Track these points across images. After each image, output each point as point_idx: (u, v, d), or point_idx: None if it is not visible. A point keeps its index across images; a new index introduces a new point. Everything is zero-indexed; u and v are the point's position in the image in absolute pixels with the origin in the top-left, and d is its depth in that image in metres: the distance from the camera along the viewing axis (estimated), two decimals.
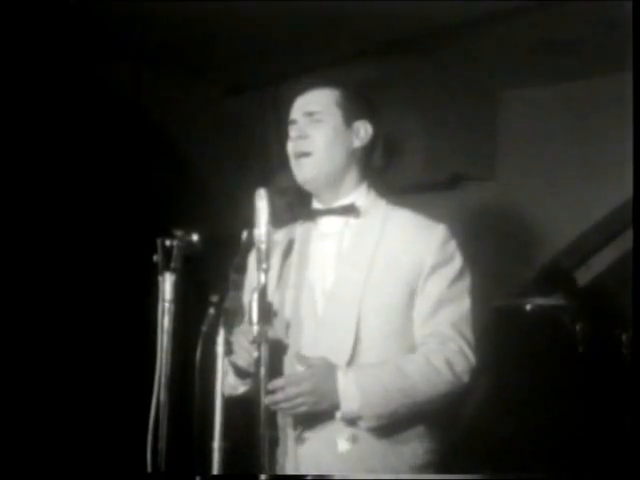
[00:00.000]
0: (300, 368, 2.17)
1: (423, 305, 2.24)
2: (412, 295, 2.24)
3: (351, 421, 2.15)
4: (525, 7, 3.94)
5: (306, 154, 2.30)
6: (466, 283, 2.29)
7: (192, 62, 4.80)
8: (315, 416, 2.17)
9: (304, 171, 2.31)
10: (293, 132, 2.33)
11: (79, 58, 4.51)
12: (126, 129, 4.70)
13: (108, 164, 4.59)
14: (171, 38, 4.41)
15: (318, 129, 2.30)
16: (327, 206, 2.34)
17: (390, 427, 2.18)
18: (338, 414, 2.14)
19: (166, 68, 4.84)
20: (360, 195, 2.34)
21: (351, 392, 2.12)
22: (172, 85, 4.93)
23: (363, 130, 2.33)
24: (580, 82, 5.01)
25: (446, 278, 2.25)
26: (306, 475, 2.16)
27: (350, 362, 2.19)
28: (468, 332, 2.23)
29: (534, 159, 5.17)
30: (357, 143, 2.32)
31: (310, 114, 2.31)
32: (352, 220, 2.30)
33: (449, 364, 2.17)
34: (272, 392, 2.08)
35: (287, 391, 2.09)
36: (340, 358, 2.18)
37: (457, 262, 2.28)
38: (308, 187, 2.35)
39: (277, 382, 2.09)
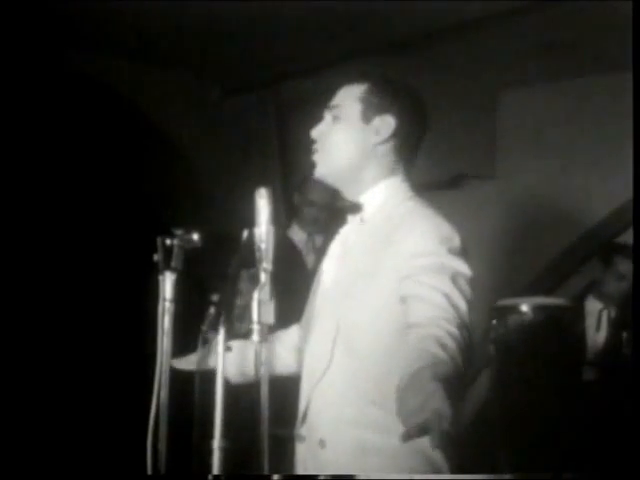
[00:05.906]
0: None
1: (417, 309, 2.07)
2: (404, 300, 2.09)
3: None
4: (525, 7, 3.94)
5: (319, 151, 2.29)
6: (466, 291, 2.09)
7: (192, 62, 4.81)
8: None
9: (318, 167, 2.30)
10: (314, 132, 2.32)
11: (79, 58, 4.52)
12: (126, 129, 4.70)
13: (108, 164, 4.59)
14: (171, 38, 4.42)
15: (334, 126, 2.29)
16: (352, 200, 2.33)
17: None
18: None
19: (166, 68, 4.85)
20: (383, 190, 2.26)
21: None
22: (172, 85, 4.93)
23: (386, 125, 2.25)
24: (579, 82, 5.02)
25: (444, 283, 2.07)
26: (318, 475, 2.13)
27: (327, 369, 2.14)
28: (462, 342, 2.01)
29: (534, 158, 5.18)
30: (377, 139, 2.25)
31: (331, 108, 2.29)
32: (365, 218, 2.24)
33: (436, 377, 1.88)
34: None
35: None
36: (320, 364, 2.15)
37: (462, 268, 2.10)
38: (326, 181, 2.34)
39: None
